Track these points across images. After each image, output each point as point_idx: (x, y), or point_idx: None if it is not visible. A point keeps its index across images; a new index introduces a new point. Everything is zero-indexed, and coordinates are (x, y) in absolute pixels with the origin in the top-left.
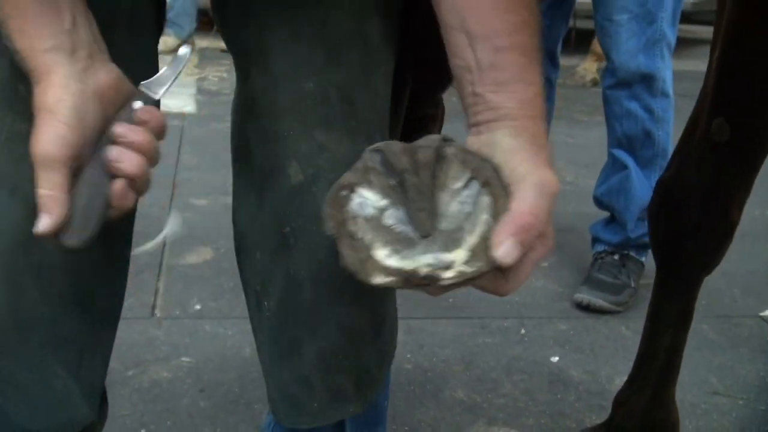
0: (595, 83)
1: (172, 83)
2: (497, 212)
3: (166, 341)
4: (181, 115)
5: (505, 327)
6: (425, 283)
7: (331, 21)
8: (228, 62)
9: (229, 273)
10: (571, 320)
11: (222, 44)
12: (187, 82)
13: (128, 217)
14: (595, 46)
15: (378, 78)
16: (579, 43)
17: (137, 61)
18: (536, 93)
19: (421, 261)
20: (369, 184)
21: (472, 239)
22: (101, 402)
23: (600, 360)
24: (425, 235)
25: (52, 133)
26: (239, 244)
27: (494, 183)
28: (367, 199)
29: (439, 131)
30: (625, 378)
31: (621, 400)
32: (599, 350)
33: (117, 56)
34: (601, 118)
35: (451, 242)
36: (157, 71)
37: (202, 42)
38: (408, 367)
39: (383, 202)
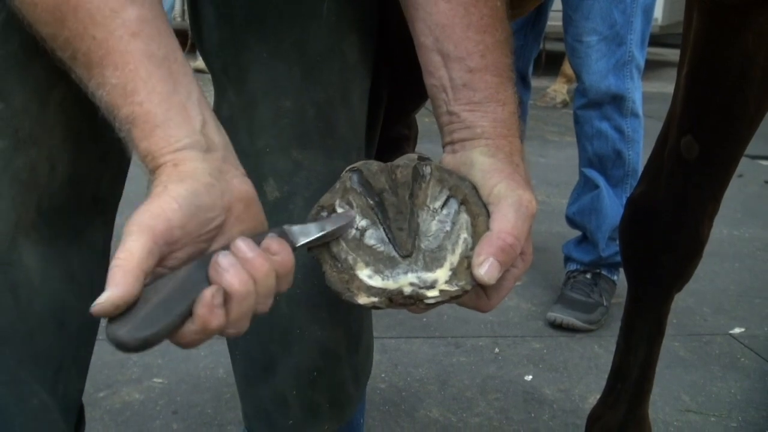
0: (565, 104)
1: (317, 239)
2: (476, 231)
3: (138, 362)
4: None
5: (480, 346)
6: (410, 303)
7: (309, 40)
8: (200, 83)
9: None
10: (545, 339)
11: (194, 64)
12: None
13: (107, 232)
14: (565, 68)
15: (355, 96)
16: (549, 65)
17: None
18: (511, 112)
19: (404, 280)
20: (348, 205)
21: (453, 258)
22: (78, 419)
23: (573, 378)
24: (406, 254)
25: (156, 205)
26: None
27: (472, 202)
28: None
29: (412, 151)
30: (598, 396)
31: (595, 417)
32: (573, 368)
33: None
34: (572, 138)
35: (433, 261)
36: None
37: None
38: (382, 387)
39: (363, 222)
